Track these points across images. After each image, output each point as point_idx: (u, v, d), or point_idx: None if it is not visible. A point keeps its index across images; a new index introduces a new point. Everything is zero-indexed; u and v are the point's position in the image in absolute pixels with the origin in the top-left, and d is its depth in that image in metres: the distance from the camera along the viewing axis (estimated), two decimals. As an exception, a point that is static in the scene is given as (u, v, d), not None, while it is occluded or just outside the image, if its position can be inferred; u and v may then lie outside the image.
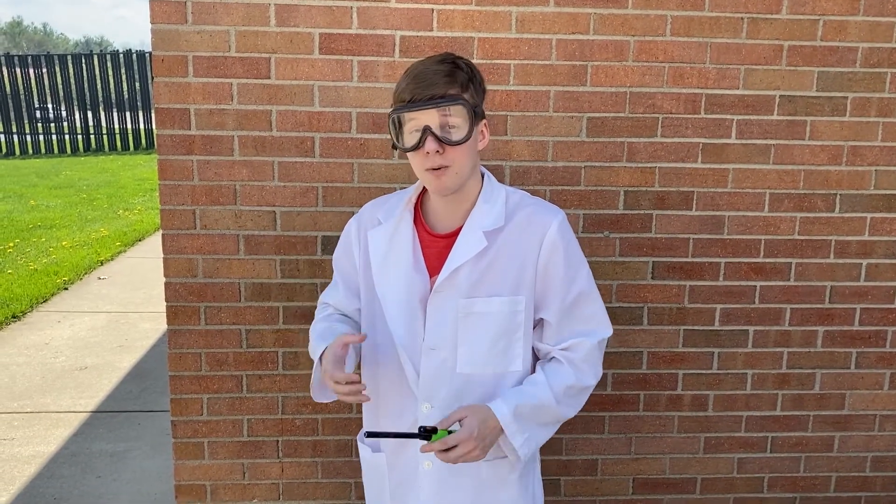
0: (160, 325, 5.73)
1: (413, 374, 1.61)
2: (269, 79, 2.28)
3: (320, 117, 2.31)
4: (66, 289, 6.86)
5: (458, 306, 1.57)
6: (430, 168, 1.50)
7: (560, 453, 2.58)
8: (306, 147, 2.32)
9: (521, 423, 1.55)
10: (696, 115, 2.36)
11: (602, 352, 1.65)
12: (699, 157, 2.39)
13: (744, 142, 2.39)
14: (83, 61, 18.91)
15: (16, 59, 19.08)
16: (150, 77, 19.09)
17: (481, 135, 1.57)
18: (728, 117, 2.37)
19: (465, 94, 1.49)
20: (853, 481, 2.68)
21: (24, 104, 19.23)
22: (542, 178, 2.37)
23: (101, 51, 20.25)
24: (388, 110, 2.28)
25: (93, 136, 19.75)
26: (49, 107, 19.77)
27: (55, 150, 19.49)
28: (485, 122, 1.57)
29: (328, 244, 2.37)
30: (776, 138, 2.40)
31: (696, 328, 2.51)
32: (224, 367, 2.45)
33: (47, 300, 6.48)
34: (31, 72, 19.12)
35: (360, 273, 1.70)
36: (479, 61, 2.28)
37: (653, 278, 2.47)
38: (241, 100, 2.28)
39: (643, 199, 2.41)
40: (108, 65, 19.07)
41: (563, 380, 1.58)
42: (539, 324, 1.64)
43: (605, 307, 1.65)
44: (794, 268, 2.49)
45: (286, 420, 2.50)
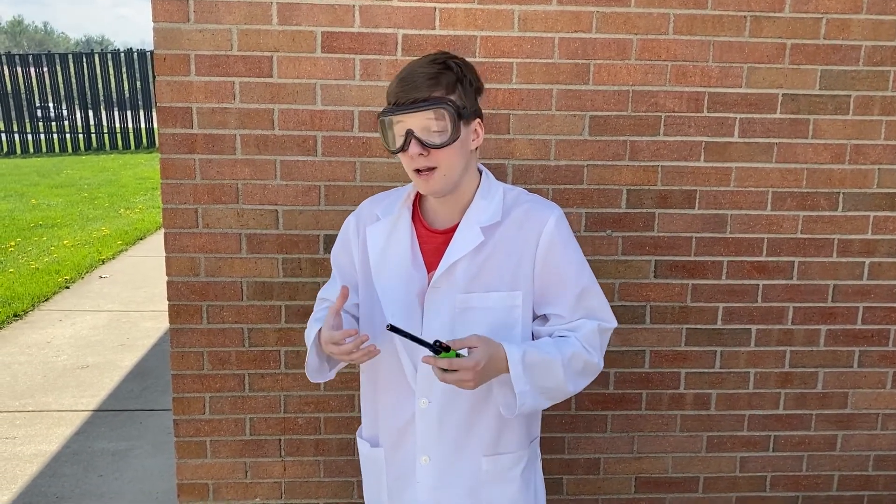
0: (161, 324, 5.73)
1: (411, 369, 1.63)
2: (271, 77, 2.27)
3: (322, 116, 2.31)
4: (67, 287, 6.86)
5: (455, 301, 1.58)
6: (416, 169, 1.52)
7: (562, 452, 2.58)
8: (308, 146, 2.32)
9: (527, 372, 1.52)
10: (698, 114, 2.36)
11: (604, 340, 1.64)
12: (702, 155, 2.39)
13: (746, 140, 2.39)
14: (84, 60, 18.91)
15: (17, 58, 19.10)
16: (150, 76, 19.09)
17: (475, 134, 1.57)
18: (731, 116, 2.37)
19: (452, 96, 1.49)
20: (856, 480, 2.68)
21: (24, 103, 19.24)
22: (545, 177, 2.37)
23: (101, 50, 20.25)
24: (390, 109, 2.27)
25: (94, 135, 19.74)
26: (50, 106, 19.78)
27: (56, 149, 19.49)
28: (479, 120, 1.57)
29: (330, 243, 2.37)
30: (779, 137, 2.39)
31: (698, 327, 2.51)
32: (226, 366, 2.45)
33: (49, 299, 6.48)
34: (31, 71, 19.13)
35: (359, 269, 1.71)
36: (482, 60, 2.28)
37: (655, 277, 2.46)
38: (244, 98, 2.28)
39: (646, 198, 2.41)
40: (109, 64, 19.08)
41: (570, 348, 1.57)
42: (542, 317, 1.65)
43: (607, 301, 1.66)
44: (796, 266, 2.49)
45: (288, 419, 2.50)
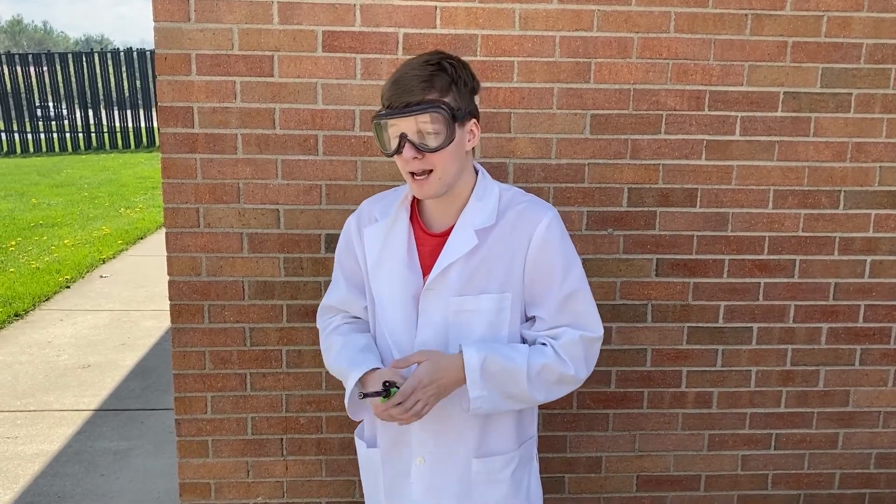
0: (162, 324, 5.73)
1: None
2: (272, 77, 2.27)
3: (323, 115, 2.30)
4: (68, 287, 6.86)
5: (448, 304, 1.58)
6: (411, 172, 1.51)
7: (564, 451, 2.58)
8: (309, 145, 2.32)
9: (485, 379, 1.52)
10: (699, 112, 2.36)
11: (588, 349, 1.61)
12: (703, 153, 2.39)
13: (748, 138, 2.39)
14: (84, 59, 18.90)
15: (16, 57, 19.08)
16: (150, 75, 19.08)
17: (470, 134, 1.55)
18: (732, 114, 2.37)
19: (447, 98, 1.48)
20: (857, 478, 2.68)
21: (24, 102, 19.22)
22: (546, 176, 2.36)
23: (101, 49, 20.23)
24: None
25: (94, 135, 19.73)
26: (50, 105, 19.75)
27: (56, 149, 19.49)
28: (474, 121, 1.55)
29: (332, 242, 2.37)
30: (780, 135, 2.39)
31: (700, 325, 2.51)
32: (228, 366, 2.45)
33: (49, 298, 6.48)
34: (31, 70, 19.11)
35: (363, 270, 1.71)
36: (483, 59, 2.28)
37: (657, 275, 2.46)
38: (245, 98, 2.28)
39: (647, 197, 2.41)
40: (109, 63, 19.06)
41: (542, 358, 1.56)
42: (531, 318, 1.64)
43: (596, 308, 1.63)
44: (798, 264, 2.49)
45: (290, 418, 2.50)
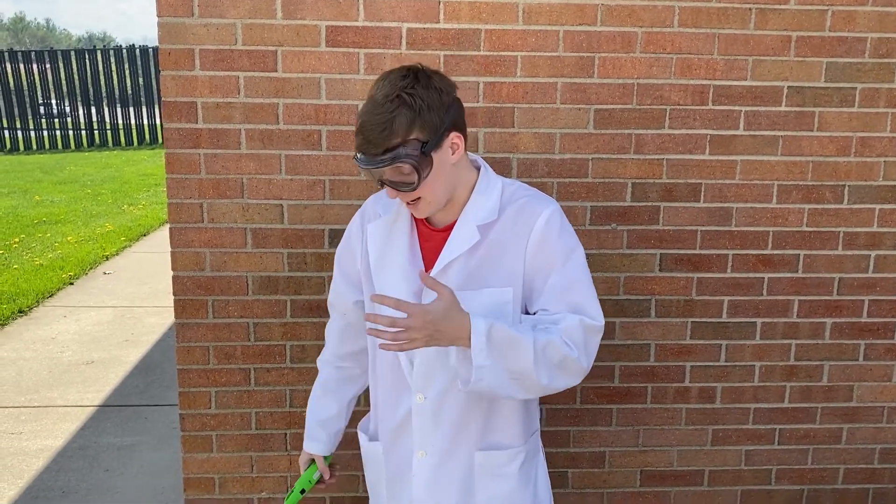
0: (165, 320, 5.75)
1: (408, 366, 1.64)
2: (275, 72, 2.27)
3: (327, 110, 2.30)
4: (71, 284, 6.87)
5: None
6: (402, 201, 1.55)
7: (568, 445, 2.58)
8: (313, 140, 2.32)
9: (491, 347, 1.45)
10: (703, 107, 2.36)
11: (588, 336, 1.56)
12: (707, 148, 2.39)
13: (752, 133, 2.38)
14: (86, 57, 18.92)
15: (19, 54, 19.11)
16: (153, 72, 19.10)
17: (454, 146, 1.52)
18: (736, 109, 2.36)
19: (412, 135, 1.45)
20: (861, 473, 2.68)
21: (27, 100, 19.24)
22: (550, 171, 2.36)
23: (104, 46, 20.23)
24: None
25: (96, 132, 19.76)
26: (53, 102, 19.77)
27: (59, 146, 19.51)
28: (454, 133, 1.51)
29: (335, 237, 2.37)
30: (784, 130, 2.39)
31: (703, 320, 2.51)
32: (232, 361, 2.45)
33: (53, 295, 6.50)
34: (34, 67, 19.13)
35: (361, 266, 1.72)
36: (486, 53, 2.27)
37: (660, 270, 2.46)
38: (248, 93, 2.28)
39: (651, 191, 2.40)
40: (112, 60, 19.07)
41: (548, 336, 1.50)
42: (533, 314, 1.63)
43: (597, 300, 1.60)
44: (802, 259, 2.49)
45: (294, 413, 2.50)
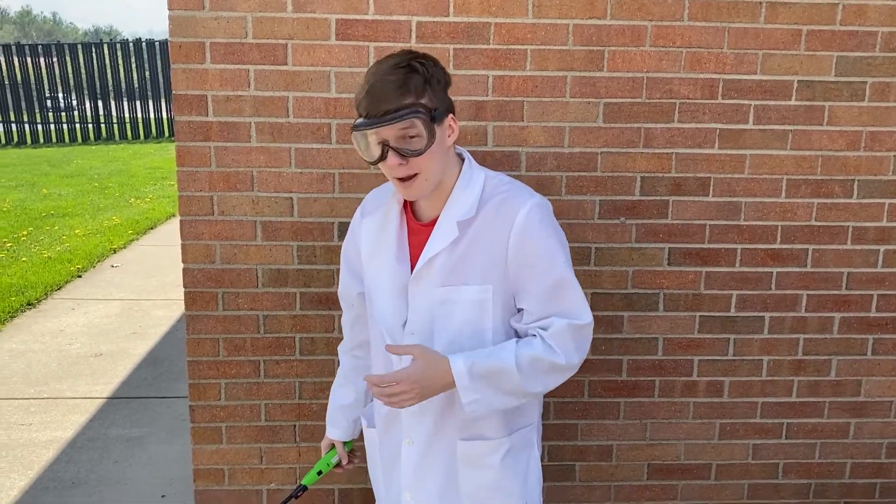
0: (173, 313, 5.77)
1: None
2: (285, 65, 2.28)
3: (337, 103, 2.31)
4: (79, 276, 6.90)
5: (433, 294, 1.61)
6: (397, 178, 1.53)
7: (575, 439, 2.59)
8: (323, 133, 2.33)
9: (475, 382, 1.54)
10: (713, 101, 2.35)
11: (579, 337, 1.59)
12: (716, 142, 2.38)
13: (761, 127, 2.38)
14: (93, 50, 18.94)
15: (26, 48, 19.13)
16: (159, 66, 19.11)
17: (450, 129, 1.55)
18: (745, 103, 2.36)
19: (423, 99, 1.48)
20: (868, 468, 2.68)
21: (34, 93, 19.29)
22: (559, 165, 2.37)
23: (110, 40, 20.25)
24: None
25: (103, 125, 19.80)
26: (59, 96, 19.82)
27: (66, 139, 19.55)
28: (451, 116, 1.55)
29: (344, 230, 2.38)
30: (794, 124, 2.38)
31: (711, 314, 2.51)
32: (241, 353, 2.47)
33: (61, 287, 6.52)
34: (41, 61, 19.16)
35: (360, 259, 1.76)
36: (496, 46, 2.28)
37: (669, 264, 2.46)
38: (258, 86, 2.29)
39: (659, 185, 2.40)
40: (118, 53, 19.09)
41: (531, 351, 1.55)
42: (521, 311, 1.64)
43: (583, 295, 1.61)
44: (810, 254, 2.48)
45: (303, 405, 2.52)
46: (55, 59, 19.01)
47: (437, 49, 2.27)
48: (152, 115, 20.05)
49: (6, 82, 18.93)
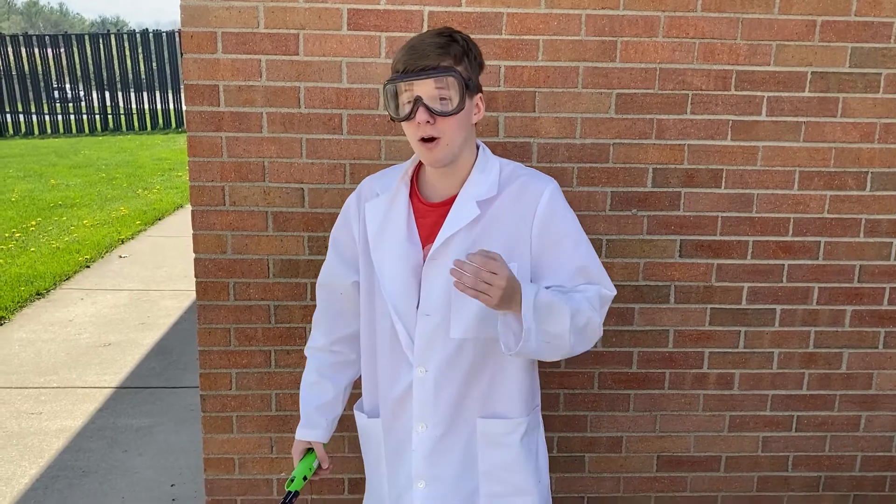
0: (181, 303, 5.79)
1: (408, 340, 1.66)
2: (297, 55, 2.27)
3: (348, 94, 2.31)
4: (88, 267, 6.93)
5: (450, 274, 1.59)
6: (421, 138, 1.54)
7: (585, 430, 2.59)
8: (334, 124, 2.32)
9: (536, 312, 1.49)
10: (726, 92, 2.34)
11: (603, 304, 1.64)
12: (729, 134, 2.37)
13: (774, 119, 2.37)
14: (100, 41, 18.96)
15: (33, 38, 19.15)
16: (166, 56, 19.11)
17: (476, 108, 1.61)
18: (759, 94, 2.35)
19: (459, 67, 1.53)
20: (879, 461, 2.68)
21: (42, 84, 19.32)
22: (570, 156, 2.36)
23: (117, 30, 20.26)
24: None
25: (110, 116, 19.83)
26: (67, 87, 19.84)
27: (73, 130, 19.59)
28: (480, 95, 1.61)
29: (356, 221, 2.37)
30: (807, 115, 2.37)
31: (722, 307, 2.51)
32: (253, 343, 2.47)
33: (70, 278, 6.55)
34: (48, 52, 19.19)
35: (360, 246, 1.75)
36: (508, 37, 2.27)
37: (680, 256, 2.46)
38: (270, 76, 2.29)
39: (672, 177, 2.39)
40: (126, 45, 19.10)
41: (577, 302, 1.57)
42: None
43: (605, 270, 1.68)
44: (822, 246, 2.47)
45: (313, 395, 2.52)
46: (62, 50, 19.02)
47: (449, 39, 2.26)
48: (159, 106, 20.08)
49: (13, 73, 18.94)
